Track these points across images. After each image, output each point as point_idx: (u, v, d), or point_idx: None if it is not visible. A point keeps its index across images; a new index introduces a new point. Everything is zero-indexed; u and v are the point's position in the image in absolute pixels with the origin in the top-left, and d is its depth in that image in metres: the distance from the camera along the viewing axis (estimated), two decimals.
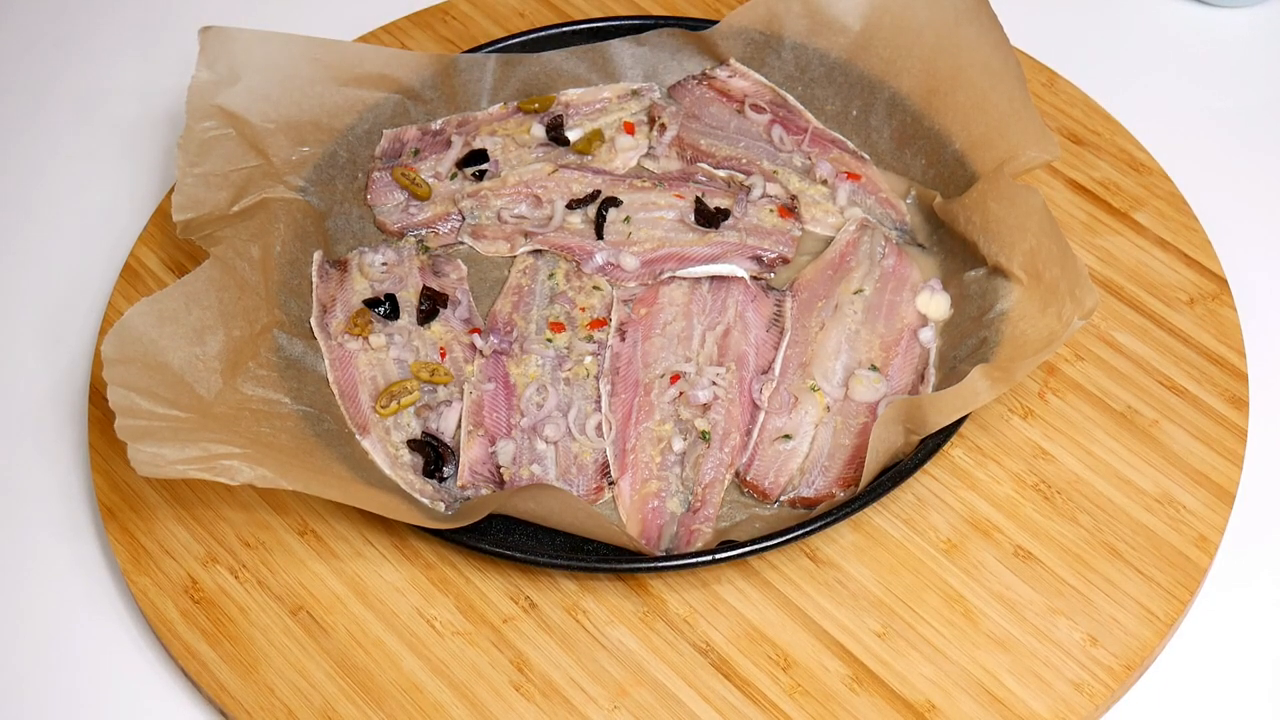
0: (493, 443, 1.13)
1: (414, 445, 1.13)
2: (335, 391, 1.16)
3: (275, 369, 1.13)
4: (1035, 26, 1.32)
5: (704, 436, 1.13)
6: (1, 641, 1.10)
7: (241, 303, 1.13)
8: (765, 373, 1.16)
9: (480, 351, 1.18)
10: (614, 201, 1.25)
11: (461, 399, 1.16)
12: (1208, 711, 1.04)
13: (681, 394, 1.15)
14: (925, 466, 1.09)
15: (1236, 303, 1.20)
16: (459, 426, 1.15)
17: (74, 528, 1.15)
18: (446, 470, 1.12)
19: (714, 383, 1.15)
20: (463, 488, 1.12)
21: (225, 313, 1.12)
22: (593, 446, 1.13)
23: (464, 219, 1.26)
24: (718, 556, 1.05)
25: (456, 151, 1.29)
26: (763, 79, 1.33)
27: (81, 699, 1.07)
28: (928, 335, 1.17)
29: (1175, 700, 1.04)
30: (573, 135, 1.31)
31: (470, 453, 1.13)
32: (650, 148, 1.31)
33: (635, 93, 1.34)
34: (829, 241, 1.25)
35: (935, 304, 1.19)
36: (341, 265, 1.23)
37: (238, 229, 1.17)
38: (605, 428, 1.14)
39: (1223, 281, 1.21)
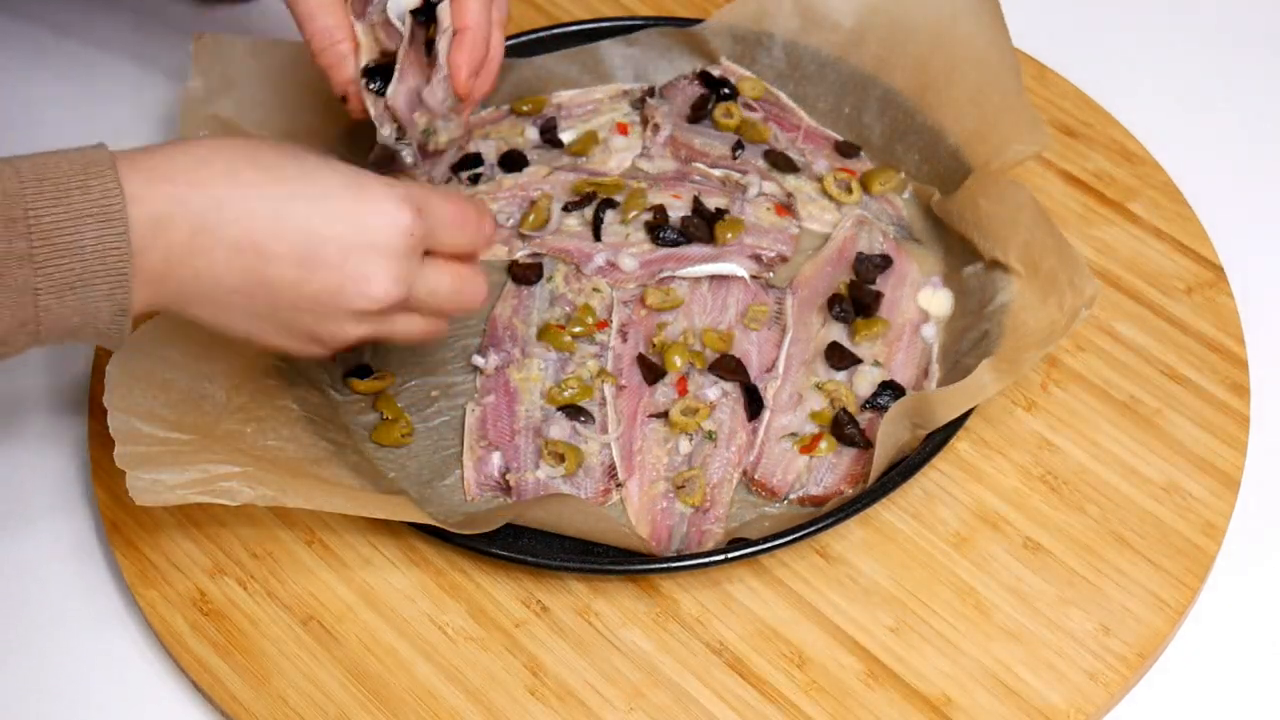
0: (497, 451, 1.13)
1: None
2: None
3: (282, 377, 1.13)
4: (1024, 20, 1.32)
5: (710, 436, 1.13)
6: (8, 661, 1.09)
7: None
8: (769, 371, 1.16)
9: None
10: (611, 203, 1.25)
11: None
12: (1223, 696, 1.05)
13: (685, 394, 1.15)
14: (932, 461, 1.09)
15: (1233, 289, 1.21)
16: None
17: (78, 542, 1.14)
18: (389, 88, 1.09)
19: (717, 382, 1.15)
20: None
21: None
22: (599, 449, 1.13)
23: None
24: (729, 555, 1.05)
25: (451, 155, 1.29)
26: (754, 77, 1.33)
27: (92, 715, 1.07)
28: (930, 331, 1.18)
29: (1190, 686, 1.05)
30: (566, 137, 1.31)
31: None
32: (644, 148, 1.30)
33: (627, 93, 1.34)
34: (826, 238, 1.25)
35: (937, 301, 1.19)
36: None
37: None
38: (610, 429, 1.14)
39: (1219, 269, 1.22)
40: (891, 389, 1.14)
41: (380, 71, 1.08)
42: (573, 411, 1.14)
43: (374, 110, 1.09)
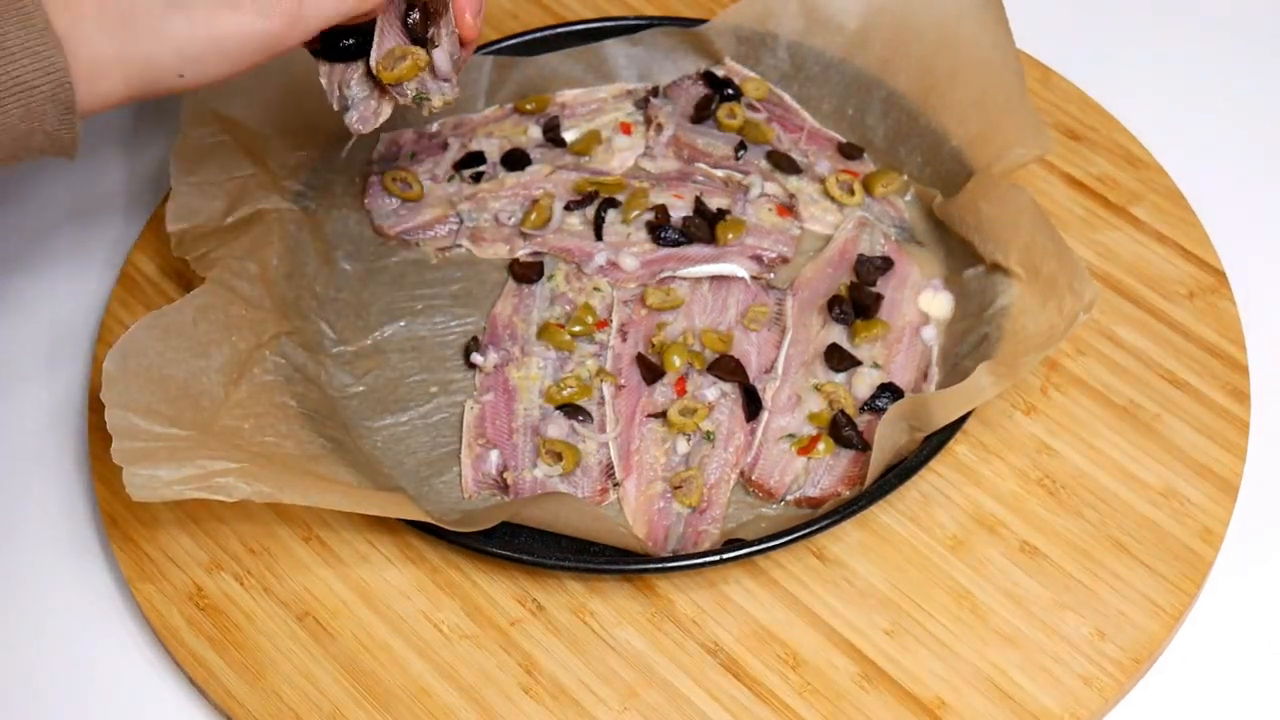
0: (495, 449, 1.13)
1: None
2: None
3: (280, 374, 1.13)
4: (1029, 23, 1.32)
5: (708, 437, 1.13)
6: (5, 653, 1.09)
7: (247, 316, 1.13)
8: (768, 372, 1.16)
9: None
10: (612, 202, 1.25)
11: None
12: (1217, 703, 1.05)
13: (684, 394, 1.15)
14: (930, 463, 1.09)
15: (1235, 295, 1.21)
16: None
17: (76, 536, 1.14)
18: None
19: (716, 382, 1.15)
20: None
21: (230, 326, 1.12)
22: (596, 448, 1.13)
23: (462, 222, 1.26)
24: (724, 556, 1.05)
25: (453, 154, 1.29)
26: (758, 77, 1.33)
27: (87, 708, 1.07)
28: (930, 333, 1.18)
29: (1184, 693, 1.05)
30: (569, 136, 1.31)
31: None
32: (647, 147, 1.30)
33: (630, 93, 1.34)
34: (828, 240, 1.25)
35: (938, 303, 1.19)
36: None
37: (231, 247, 1.17)
38: (609, 429, 1.14)
39: (1221, 275, 1.21)
40: (890, 391, 1.14)
41: (335, 36, 1.04)
42: (571, 410, 1.14)
43: (326, 79, 1.06)
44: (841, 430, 1.11)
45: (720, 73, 1.33)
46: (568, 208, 1.26)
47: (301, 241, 1.22)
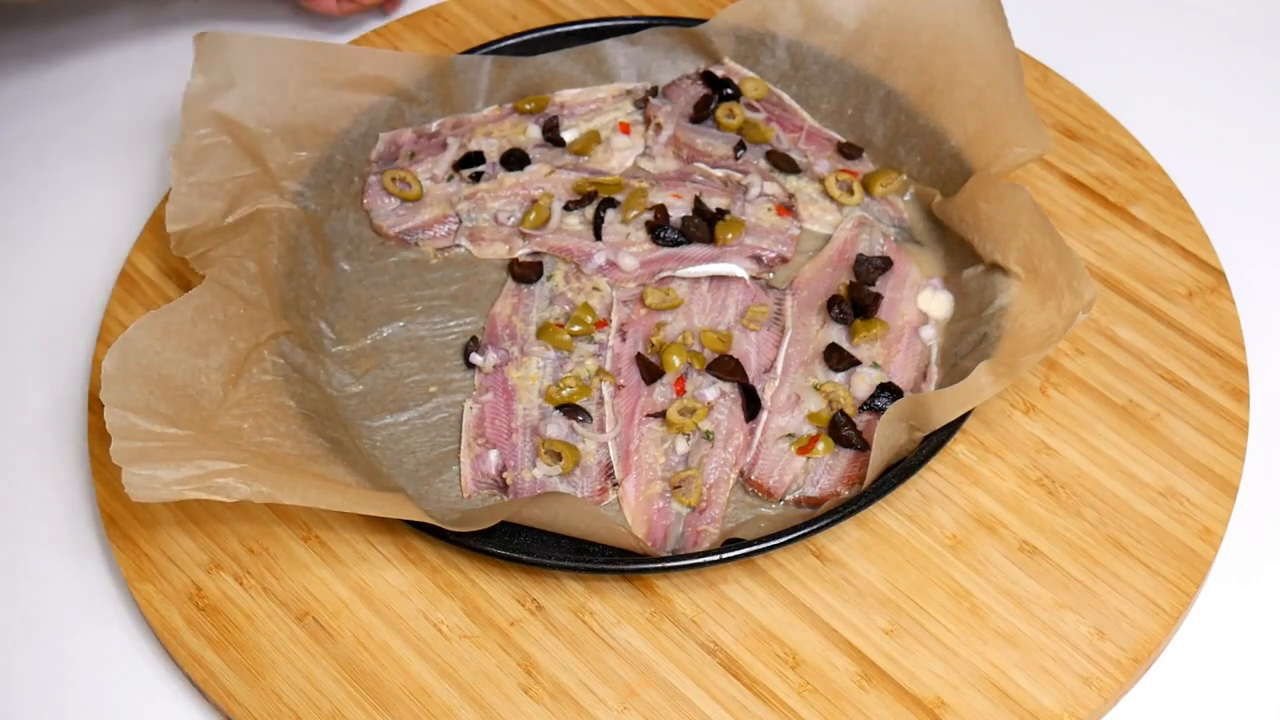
0: (494, 449, 1.13)
1: None
2: None
3: (279, 373, 1.13)
4: (1028, 23, 1.32)
5: (707, 436, 1.13)
6: (5, 652, 1.09)
7: (245, 315, 1.13)
8: (767, 372, 1.16)
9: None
10: (611, 202, 1.25)
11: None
12: (1216, 703, 1.05)
13: (683, 394, 1.15)
14: (929, 463, 1.09)
15: (1234, 295, 1.21)
16: None
17: (76, 536, 1.14)
18: None
19: (715, 382, 1.15)
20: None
21: (229, 325, 1.12)
22: (596, 447, 1.13)
23: (461, 222, 1.26)
24: (724, 556, 1.05)
25: (453, 154, 1.29)
26: (757, 77, 1.33)
27: (87, 709, 1.07)
28: (929, 333, 1.18)
29: (1184, 692, 1.05)
30: (568, 136, 1.31)
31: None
32: (646, 147, 1.30)
33: (629, 92, 1.34)
34: (827, 239, 1.25)
35: (937, 303, 1.19)
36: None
37: (231, 246, 1.17)
38: (608, 429, 1.14)
39: (1220, 274, 1.21)
40: (889, 391, 1.14)
41: None
42: (570, 410, 1.14)
43: None
44: (841, 430, 1.11)
45: (719, 72, 1.33)
46: (567, 208, 1.26)
47: (301, 241, 1.22)
